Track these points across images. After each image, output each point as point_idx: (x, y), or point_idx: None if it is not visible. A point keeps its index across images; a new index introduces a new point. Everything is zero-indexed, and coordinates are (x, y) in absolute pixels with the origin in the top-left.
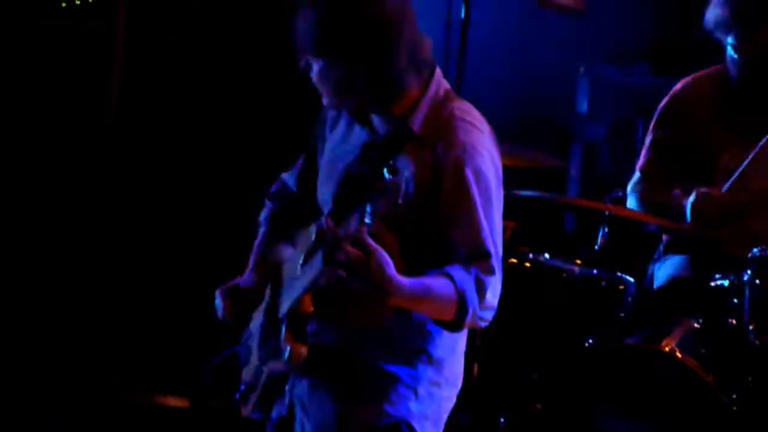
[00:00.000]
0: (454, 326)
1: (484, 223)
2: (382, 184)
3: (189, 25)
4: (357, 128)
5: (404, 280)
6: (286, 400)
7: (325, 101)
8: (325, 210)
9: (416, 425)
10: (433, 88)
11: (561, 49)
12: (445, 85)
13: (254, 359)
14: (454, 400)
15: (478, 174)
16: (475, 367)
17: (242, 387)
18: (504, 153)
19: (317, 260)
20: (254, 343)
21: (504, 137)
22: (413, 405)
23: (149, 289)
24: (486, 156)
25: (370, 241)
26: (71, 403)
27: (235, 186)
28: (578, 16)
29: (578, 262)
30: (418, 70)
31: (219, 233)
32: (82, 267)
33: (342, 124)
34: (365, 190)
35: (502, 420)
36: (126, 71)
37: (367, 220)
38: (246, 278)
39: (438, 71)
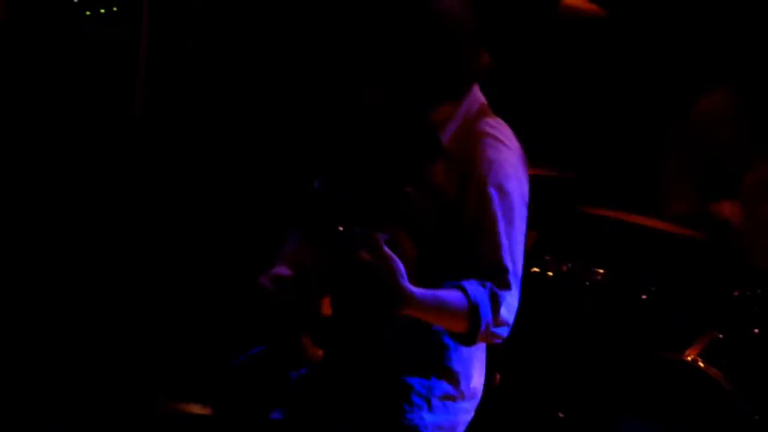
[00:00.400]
0: (468, 339)
1: (504, 241)
2: (406, 195)
3: (211, 32)
4: (391, 134)
5: (416, 290)
6: (303, 405)
7: (371, 93)
8: (352, 213)
9: None
10: (467, 101)
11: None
12: (481, 99)
13: (279, 359)
14: (473, 412)
15: (503, 192)
16: (497, 376)
17: (266, 388)
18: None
19: (334, 263)
20: (280, 343)
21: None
22: (426, 415)
23: (170, 294)
24: (512, 174)
25: (385, 249)
26: (89, 412)
27: (261, 187)
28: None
29: (601, 270)
30: (464, 81)
31: (242, 239)
32: (100, 269)
33: (377, 128)
34: (390, 198)
35: (524, 428)
36: (149, 78)
37: (385, 228)
38: (281, 270)
39: (475, 85)
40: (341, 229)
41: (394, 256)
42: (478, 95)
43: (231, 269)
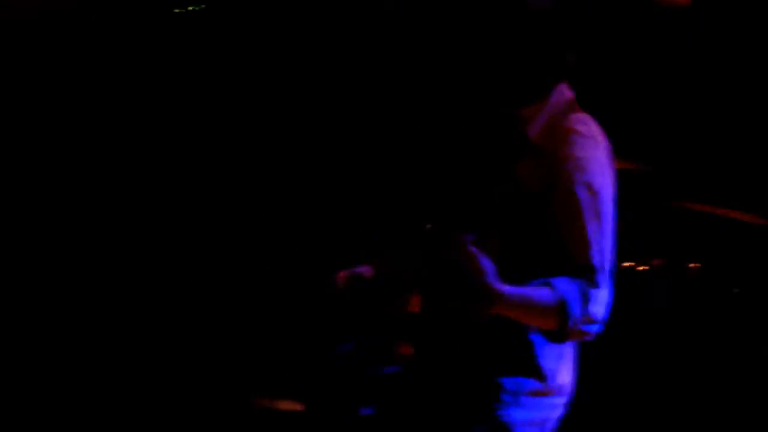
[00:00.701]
0: (557, 336)
1: (593, 239)
2: (494, 193)
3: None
4: (483, 130)
5: (504, 287)
6: (393, 401)
7: (463, 89)
8: (439, 211)
9: None
10: (555, 97)
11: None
12: (568, 94)
13: (369, 357)
14: (564, 408)
15: (590, 189)
16: (584, 372)
17: (357, 383)
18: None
19: (421, 262)
20: (370, 341)
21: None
22: (516, 412)
23: (261, 288)
24: (599, 171)
25: (471, 247)
26: (187, 410)
27: (348, 185)
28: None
29: (692, 265)
30: (553, 78)
31: (331, 236)
32: (182, 262)
33: (471, 124)
34: (477, 196)
35: (614, 425)
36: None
37: (473, 227)
38: (365, 269)
39: (563, 81)
40: (429, 227)
41: (481, 255)
42: (565, 90)
43: (320, 265)
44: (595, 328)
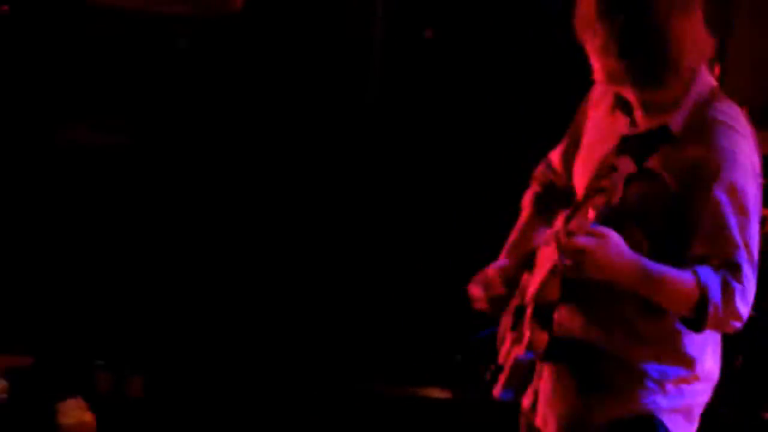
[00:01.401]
0: (696, 323)
1: (738, 235)
2: (634, 184)
3: (446, 16)
4: (619, 114)
5: (642, 258)
6: (533, 390)
7: (596, 76)
8: (578, 194)
9: (665, 419)
10: (698, 85)
11: None
12: (711, 82)
13: (507, 341)
14: (710, 392)
15: (734, 184)
16: (739, 359)
17: (494, 367)
18: None
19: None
20: (508, 326)
21: None
22: (661, 400)
23: (409, 279)
24: (744, 163)
25: (595, 228)
26: (336, 399)
27: (495, 176)
28: None
29: None
30: (693, 63)
31: (477, 226)
32: (344, 256)
33: (605, 106)
34: (618, 187)
35: (765, 413)
36: (385, 65)
37: (613, 219)
38: (500, 263)
39: (704, 67)
40: (566, 213)
41: (606, 233)
42: (707, 78)
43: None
44: (737, 324)
